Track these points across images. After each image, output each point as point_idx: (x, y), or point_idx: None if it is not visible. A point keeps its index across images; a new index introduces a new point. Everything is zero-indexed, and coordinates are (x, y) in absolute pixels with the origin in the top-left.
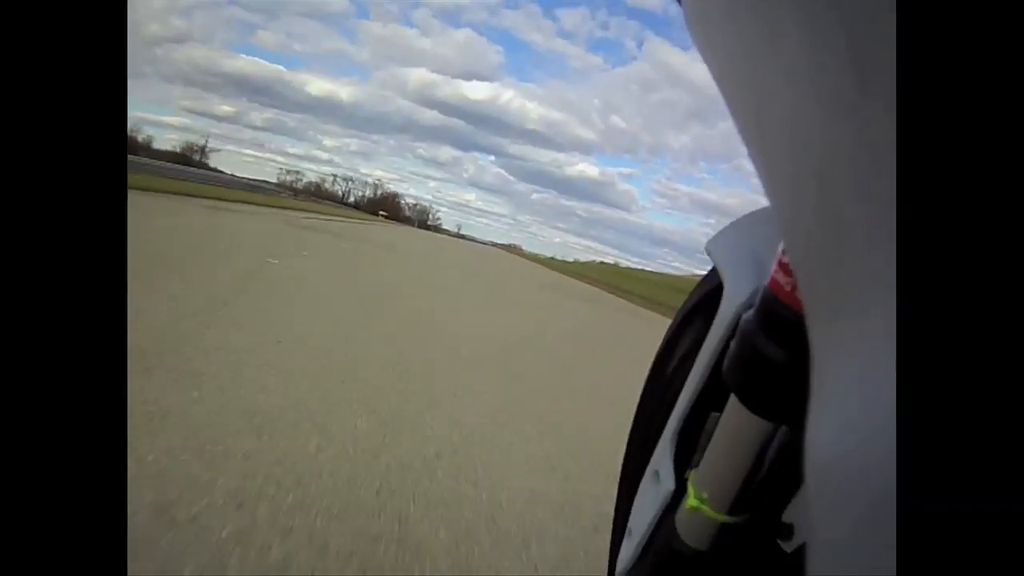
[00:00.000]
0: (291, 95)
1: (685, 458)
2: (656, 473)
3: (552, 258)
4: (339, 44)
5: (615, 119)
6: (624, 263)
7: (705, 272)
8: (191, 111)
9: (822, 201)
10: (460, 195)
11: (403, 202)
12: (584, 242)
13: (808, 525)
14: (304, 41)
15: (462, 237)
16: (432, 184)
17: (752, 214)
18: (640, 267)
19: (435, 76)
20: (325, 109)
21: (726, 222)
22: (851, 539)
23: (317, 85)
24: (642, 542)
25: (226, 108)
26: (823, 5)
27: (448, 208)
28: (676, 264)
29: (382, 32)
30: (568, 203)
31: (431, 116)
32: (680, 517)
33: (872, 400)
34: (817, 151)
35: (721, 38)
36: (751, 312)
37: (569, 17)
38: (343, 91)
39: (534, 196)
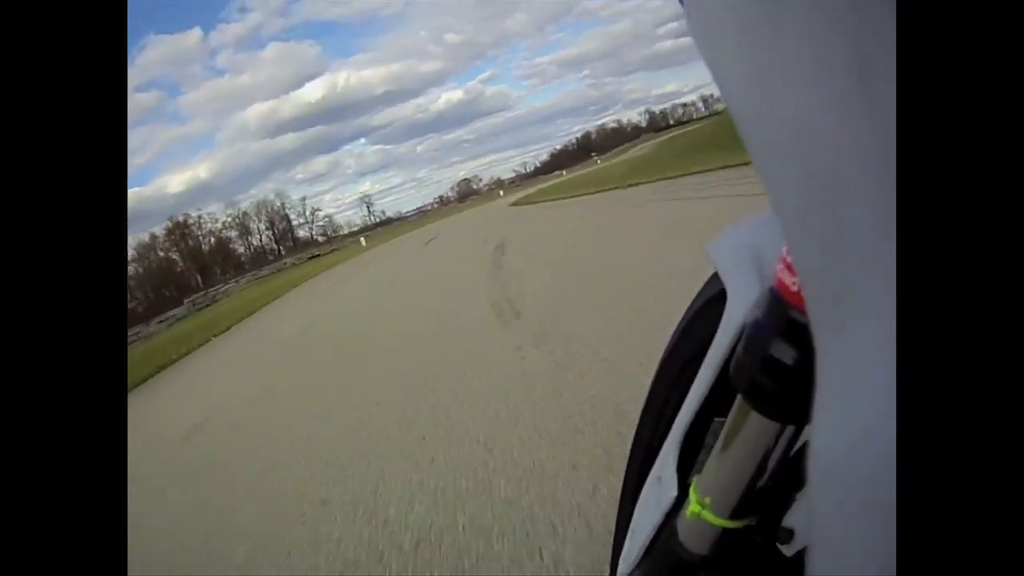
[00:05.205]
0: (158, 204)
1: (688, 463)
2: (659, 478)
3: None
4: (172, 132)
5: (449, 37)
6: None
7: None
8: None
9: (824, 202)
10: (356, 190)
11: (203, 229)
12: (486, 160)
13: (810, 524)
14: (141, 152)
15: (388, 221)
16: (327, 198)
17: (752, 218)
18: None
19: (270, 103)
20: (195, 196)
21: (597, 65)
22: (852, 536)
23: (176, 180)
24: (644, 545)
25: None
26: (825, 6)
27: (353, 210)
28: (576, 128)
29: (199, 96)
30: (452, 136)
31: (289, 140)
32: (682, 522)
33: (875, 399)
34: (819, 151)
35: (723, 39)
36: (758, 312)
37: None
38: (200, 170)
39: (419, 149)
